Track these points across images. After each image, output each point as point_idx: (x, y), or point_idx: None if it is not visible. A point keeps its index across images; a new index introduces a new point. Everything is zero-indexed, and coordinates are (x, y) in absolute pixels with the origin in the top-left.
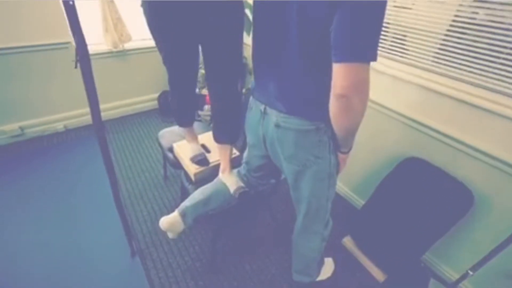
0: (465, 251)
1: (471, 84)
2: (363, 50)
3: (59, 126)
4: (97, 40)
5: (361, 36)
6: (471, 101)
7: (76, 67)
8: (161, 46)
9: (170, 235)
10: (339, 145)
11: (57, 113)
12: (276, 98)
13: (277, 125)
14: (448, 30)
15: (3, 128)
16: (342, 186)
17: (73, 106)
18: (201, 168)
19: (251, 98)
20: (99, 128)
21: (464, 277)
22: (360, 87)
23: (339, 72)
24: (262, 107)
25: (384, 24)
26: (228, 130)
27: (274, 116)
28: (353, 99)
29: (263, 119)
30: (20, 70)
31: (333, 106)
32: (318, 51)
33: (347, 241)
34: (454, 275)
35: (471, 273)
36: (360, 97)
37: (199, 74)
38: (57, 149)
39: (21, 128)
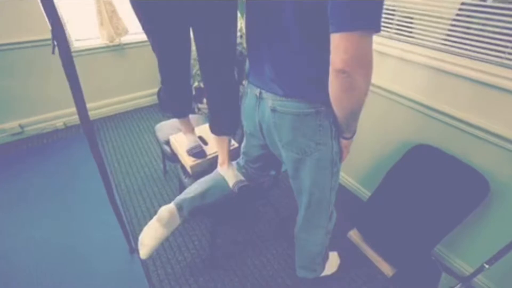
0: (480, 243)
1: (485, 61)
2: (365, 17)
3: (59, 124)
4: (92, 35)
5: (362, 2)
6: (486, 80)
7: (53, 52)
8: (148, 29)
9: (145, 251)
10: (341, 130)
11: (57, 110)
12: (272, 80)
13: (274, 110)
14: (462, 4)
15: (3, 126)
16: (346, 177)
17: (73, 103)
18: (198, 161)
19: (246, 83)
20: (84, 119)
21: (479, 271)
22: (363, 61)
23: (338, 44)
24: (257, 91)
25: (390, 10)
26: (225, 121)
27: (270, 100)
28: (355, 75)
29: (259, 104)
30: (19, 67)
31: (333, 84)
32: (317, 25)
33: (353, 234)
34: (468, 269)
35: (487, 266)
36: (363, 72)
37: (197, 68)
38: (57, 147)
39: (21, 126)
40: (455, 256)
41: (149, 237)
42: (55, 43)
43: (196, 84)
